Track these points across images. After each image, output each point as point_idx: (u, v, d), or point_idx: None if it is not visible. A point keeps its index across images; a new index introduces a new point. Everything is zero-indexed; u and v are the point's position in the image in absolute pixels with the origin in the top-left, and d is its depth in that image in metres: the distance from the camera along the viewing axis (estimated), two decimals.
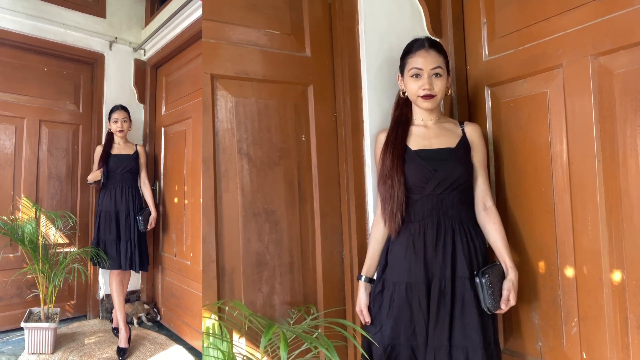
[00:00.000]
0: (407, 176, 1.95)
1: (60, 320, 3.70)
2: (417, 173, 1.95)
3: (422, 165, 1.95)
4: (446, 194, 1.94)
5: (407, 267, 1.93)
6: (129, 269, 3.79)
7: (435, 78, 1.97)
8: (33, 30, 4.07)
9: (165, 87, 4.48)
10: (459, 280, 1.90)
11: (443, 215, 1.94)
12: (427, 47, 1.99)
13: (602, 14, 1.83)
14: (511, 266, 1.94)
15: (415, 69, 1.98)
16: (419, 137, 2.04)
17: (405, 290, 1.92)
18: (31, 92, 4.22)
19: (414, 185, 1.95)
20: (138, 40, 4.67)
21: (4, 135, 4.07)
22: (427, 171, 1.94)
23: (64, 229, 3.99)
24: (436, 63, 1.97)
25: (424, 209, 1.95)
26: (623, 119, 1.78)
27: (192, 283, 3.76)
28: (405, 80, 2.04)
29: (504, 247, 1.97)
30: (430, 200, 1.94)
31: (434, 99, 1.98)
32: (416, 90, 1.98)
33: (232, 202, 2.10)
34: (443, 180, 1.93)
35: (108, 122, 4.01)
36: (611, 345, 1.84)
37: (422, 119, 2.08)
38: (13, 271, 3.89)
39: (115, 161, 3.89)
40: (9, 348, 3.68)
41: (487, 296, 1.84)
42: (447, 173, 1.93)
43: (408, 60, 2.02)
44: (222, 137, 2.10)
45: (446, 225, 1.93)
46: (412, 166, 1.96)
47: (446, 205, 1.94)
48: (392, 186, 1.95)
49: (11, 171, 4.10)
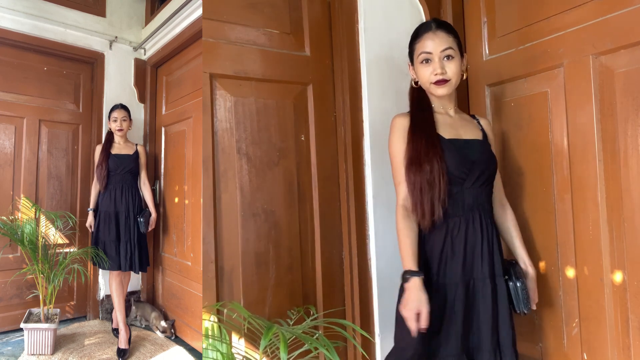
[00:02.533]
0: (448, 165, 1.75)
1: (60, 321, 3.69)
2: (458, 163, 1.76)
3: (462, 155, 1.79)
4: (484, 187, 1.82)
5: (444, 266, 1.78)
6: (128, 269, 3.76)
7: (447, 61, 1.80)
8: (33, 29, 4.07)
9: (166, 87, 4.47)
10: (498, 279, 1.79)
11: (482, 209, 1.80)
12: (434, 29, 1.82)
13: (603, 13, 1.82)
14: (531, 264, 1.90)
15: (424, 54, 1.82)
16: (447, 125, 1.87)
17: (444, 290, 1.77)
18: (31, 92, 4.21)
19: (454, 176, 1.76)
20: (138, 40, 4.67)
21: (3, 135, 4.06)
22: (467, 162, 1.78)
23: (63, 229, 3.98)
24: (446, 44, 1.80)
25: (464, 203, 1.78)
26: (624, 119, 1.77)
27: (193, 284, 3.75)
28: (415, 68, 1.89)
29: (523, 246, 1.93)
30: (471, 194, 1.78)
31: (449, 83, 1.81)
32: (428, 77, 1.82)
33: (231, 202, 2.09)
34: (482, 172, 1.79)
35: (108, 121, 3.99)
36: (612, 346, 1.83)
37: (443, 106, 1.92)
38: (12, 272, 3.88)
39: (115, 161, 3.86)
40: (8, 349, 3.67)
41: (523, 299, 1.79)
42: (485, 165, 1.81)
43: (416, 45, 1.87)
44: (221, 136, 2.09)
45: (486, 221, 1.80)
46: (451, 155, 1.77)
47: (483, 198, 1.82)
48: (431, 172, 1.73)
49: (11, 171, 4.09)
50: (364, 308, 2.25)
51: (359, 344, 2.04)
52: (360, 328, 2.10)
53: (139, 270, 3.82)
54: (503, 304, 1.78)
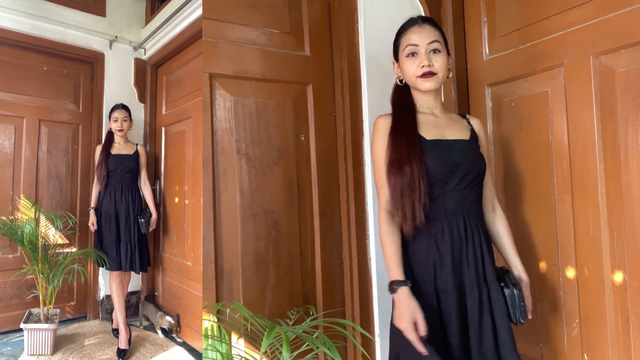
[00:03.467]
0: (428, 167, 1.68)
1: (60, 322, 3.69)
2: (439, 165, 1.70)
3: (444, 156, 1.72)
4: (469, 189, 1.73)
5: (432, 273, 1.70)
6: (129, 270, 3.75)
7: (434, 54, 1.75)
8: (33, 29, 4.06)
9: (166, 87, 4.47)
10: (491, 285, 1.71)
11: (467, 213, 1.72)
12: (420, 23, 1.79)
13: (604, 13, 1.82)
14: (524, 271, 1.82)
15: (410, 46, 1.76)
16: (430, 125, 1.80)
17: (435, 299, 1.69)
18: (31, 92, 4.20)
19: (435, 179, 1.69)
20: (138, 39, 4.66)
21: (3, 134, 4.06)
22: (450, 163, 1.70)
23: (63, 229, 3.96)
24: (433, 37, 1.75)
25: (446, 207, 1.71)
26: (625, 119, 1.77)
27: (193, 284, 3.74)
28: (401, 64, 1.83)
29: (515, 251, 1.85)
30: (454, 197, 1.71)
31: (435, 77, 1.74)
32: (414, 70, 1.75)
33: (231, 202, 2.09)
34: (467, 174, 1.71)
35: (108, 121, 3.97)
36: (613, 347, 1.82)
37: (428, 106, 1.84)
38: (12, 272, 3.87)
39: (115, 161, 3.84)
40: (8, 349, 3.67)
41: (520, 307, 1.71)
42: (470, 167, 1.72)
43: (401, 39, 1.81)
44: (220, 136, 2.09)
45: (472, 224, 1.72)
46: (432, 157, 1.70)
47: (469, 202, 1.74)
48: (411, 175, 1.66)
49: (10, 171, 4.08)
50: (363, 308, 2.24)
51: (359, 343, 2.04)
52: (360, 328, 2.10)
53: (140, 270, 3.81)
54: (500, 311, 1.69)
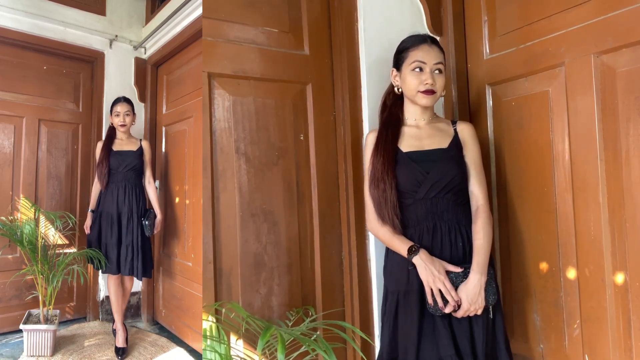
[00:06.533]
0: (399, 180, 1.89)
1: (59, 322, 3.67)
2: (408, 176, 1.89)
3: (413, 168, 1.89)
4: (440, 196, 1.87)
5: (405, 275, 1.86)
6: (128, 274, 3.59)
7: (437, 74, 1.91)
8: (32, 28, 4.05)
9: (166, 86, 4.46)
10: None
11: (439, 219, 1.86)
12: (429, 42, 1.95)
13: (605, 12, 1.81)
14: (477, 270, 1.78)
15: (418, 62, 1.90)
16: (411, 137, 1.98)
17: (404, 299, 1.86)
18: (30, 91, 4.19)
19: (405, 189, 1.89)
20: (138, 39, 4.65)
21: (2, 134, 4.05)
22: (418, 174, 1.88)
23: (63, 229, 3.93)
24: (439, 59, 1.92)
25: (418, 214, 1.88)
26: (626, 118, 1.76)
27: (193, 284, 3.73)
28: (403, 75, 1.97)
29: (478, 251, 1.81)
30: (424, 205, 1.87)
31: (434, 95, 1.92)
32: (417, 85, 1.91)
33: (230, 202, 2.08)
34: (436, 182, 1.86)
35: (110, 116, 3.82)
36: (614, 348, 1.81)
37: (415, 118, 2.02)
38: (12, 272, 3.85)
39: (117, 158, 3.62)
40: (7, 350, 3.66)
41: None
42: (440, 175, 1.86)
43: (410, 53, 1.94)
44: (219, 136, 2.08)
45: (442, 229, 1.85)
46: (403, 169, 1.90)
47: (441, 208, 1.87)
48: (384, 190, 1.88)
49: (10, 171, 4.07)
50: (363, 309, 2.23)
51: (359, 347, 2.03)
52: (360, 329, 2.09)
53: (142, 276, 3.63)
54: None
